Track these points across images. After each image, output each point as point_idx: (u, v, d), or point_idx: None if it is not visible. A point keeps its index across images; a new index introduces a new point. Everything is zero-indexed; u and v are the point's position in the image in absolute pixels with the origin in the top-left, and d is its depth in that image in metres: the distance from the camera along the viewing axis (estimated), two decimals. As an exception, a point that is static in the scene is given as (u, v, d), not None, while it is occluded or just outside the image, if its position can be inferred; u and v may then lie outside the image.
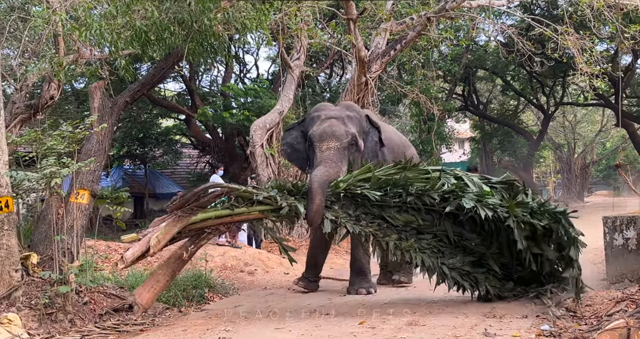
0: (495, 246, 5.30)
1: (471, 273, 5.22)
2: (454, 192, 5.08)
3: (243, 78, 20.05)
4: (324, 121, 6.12)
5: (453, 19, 11.03)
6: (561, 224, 5.02)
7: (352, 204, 5.24)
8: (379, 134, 6.54)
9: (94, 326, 5.44)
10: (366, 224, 5.20)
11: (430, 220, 5.29)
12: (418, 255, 5.16)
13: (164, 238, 4.89)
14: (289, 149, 6.75)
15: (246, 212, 5.08)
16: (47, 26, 9.08)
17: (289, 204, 5.04)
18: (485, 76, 24.96)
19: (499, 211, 4.94)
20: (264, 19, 9.06)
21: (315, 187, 5.12)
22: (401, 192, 5.17)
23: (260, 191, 5.12)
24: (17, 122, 10.46)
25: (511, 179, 5.51)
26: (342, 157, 5.84)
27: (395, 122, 25.89)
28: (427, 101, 14.10)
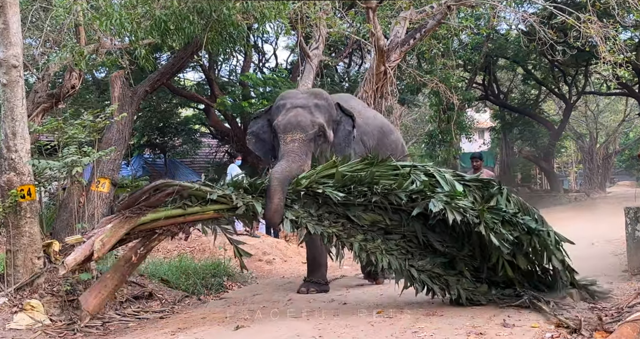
0: (468, 248, 4.95)
1: (442, 275, 4.88)
2: (422, 192, 4.70)
3: (262, 67, 20.04)
4: (289, 110, 5.68)
5: (474, 7, 10.91)
6: (535, 235, 4.64)
7: (314, 203, 4.84)
8: (353, 123, 6.03)
9: (115, 313, 5.53)
10: (329, 225, 4.81)
11: (398, 220, 4.92)
12: (385, 257, 4.80)
13: (109, 241, 4.51)
14: (254, 139, 6.26)
15: (200, 212, 4.68)
16: (68, 16, 9.15)
17: (245, 203, 4.67)
18: (506, 65, 24.69)
19: (469, 215, 4.55)
20: (283, 8, 9.05)
21: (275, 184, 4.73)
22: (366, 191, 4.78)
23: (214, 189, 4.69)
24: (39, 111, 10.59)
25: (487, 179, 5.12)
26: (308, 150, 5.44)
27: (415, 112, 25.79)
28: (447, 90, 13.98)
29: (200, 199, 4.67)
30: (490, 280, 5.02)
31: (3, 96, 5.53)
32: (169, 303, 6.17)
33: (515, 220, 4.63)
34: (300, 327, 4.59)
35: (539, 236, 4.63)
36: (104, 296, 4.83)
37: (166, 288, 6.65)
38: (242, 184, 4.82)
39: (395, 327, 4.36)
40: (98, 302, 4.82)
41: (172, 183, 4.61)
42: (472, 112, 28.54)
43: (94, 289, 4.84)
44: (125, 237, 4.70)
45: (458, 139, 19.65)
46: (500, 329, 4.15)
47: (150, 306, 5.99)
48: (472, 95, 21.26)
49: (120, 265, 4.92)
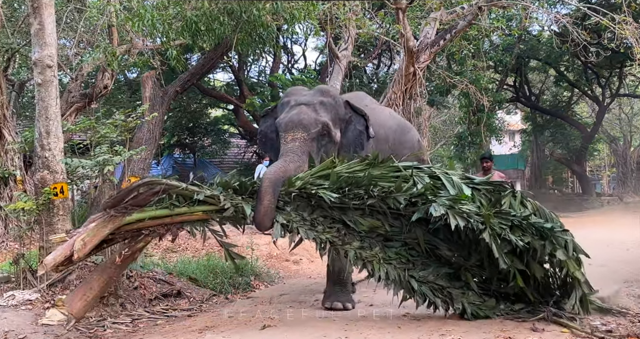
0: (475, 257, 4.54)
1: (445, 287, 4.49)
2: (423, 195, 4.33)
3: (291, 68, 20.12)
4: (292, 108, 5.35)
5: (505, 8, 10.78)
6: (549, 241, 4.21)
7: (308, 206, 4.50)
8: (366, 122, 5.61)
9: (144, 311, 5.60)
10: (323, 230, 4.46)
11: (399, 226, 4.55)
12: (382, 266, 4.43)
13: (91, 241, 4.24)
14: (263, 138, 5.92)
15: (187, 213, 4.42)
16: (101, 17, 9.30)
17: (234, 205, 4.38)
18: (538, 67, 24.36)
19: (473, 220, 4.17)
20: (313, 9, 9.07)
21: (266, 185, 4.40)
22: (362, 194, 4.43)
23: (201, 190, 4.41)
24: (72, 110, 10.81)
25: (499, 181, 4.72)
26: (309, 151, 5.05)
27: (444, 114, 25.58)
28: (477, 91, 13.85)
29: (188, 200, 4.41)
30: (499, 292, 4.65)
31: (38, 96, 5.64)
32: (197, 301, 6.23)
33: (525, 224, 4.24)
34: (327, 327, 4.58)
35: (554, 242, 4.21)
36: (90, 299, 4.53)
37: (194, 286, 6.71)
38: (231, 185, 4.50)
39: (422, 329, 4.33)
40: (83, 305, 4.53)
41: (159, 182, 4.38)
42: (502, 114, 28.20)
43: (79, 292, 4.56)
44: (111, 238, 4.44)
45: (488, 141, 19.45)
46: (529, 333, 4.09)
47: (179, 304, 6.05)
48: (503, 97, 21.02)
49: (107, 267, 4.67)
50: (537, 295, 4.53)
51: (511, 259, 4.26)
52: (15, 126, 10.29)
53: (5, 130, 9.32)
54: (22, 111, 16.38)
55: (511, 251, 4.28)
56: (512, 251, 4.29)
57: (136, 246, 4.58)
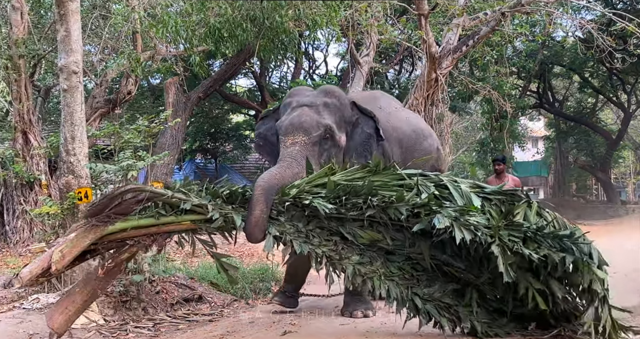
0: (487, 275, 4.10)
1: (452, 306, 4.12)
2: (426, 205, 3.94)
3: (312, 74, 20.17)
4: (294, 109, 4.99)
5: (529, 14, 10.70)
6: (569, 254, 3.74)
7: (304, 217, 4.14)
8: (375, 124, 5.19)
9: (166, 315, 5.62)
10: (319, 243, 4.10)
11: (401, 239, 4.18)
12: (383, 283, 4.07)
13: (70, 252, 3.94)
14: (261, 142, 5.53)
15: (174, 222, 4.11)
16: (126, 23, 9.42)
17: (223, 215, 4.06)
18: (562, 73, 24.13)
19: (481, 233, 3.77)
20: (335, 15, 9.09)
21: (258, 194, 4.05)
22: (361, 204, 4.05)
23: (189, 198, 4.09)
24: (96, 116, 10.95)
25: (511, 189, 4.32)
26: (310, 156, 4.68)
27: (466, 120, 25.44)
28: (500, 97, 13.74)
29: (175, 208, 4.10)
30: (516, 314, 4.19)
31: (63, 101, 5.72)
32: (218, 306, 6.24)
33: (541, 236, 3.80)
34: (347, 334, 4.56)
35: (574, 252, 3.73)
36: (72, 313, 4.21)
37: (215, 291, 6.73)
38: (220, 193, 4.18)
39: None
40: (64, 319, 4.20)
41: (143, 189, 4.08)
42: (525, 121, 27.96)
43: (61, 305, 4.23)
44: (92, 249, 4.13)
45: (510, 148, 19.27)
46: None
47: (200, 308, 6.07)
48: (526, 103, 20.85)
49: (90, 279, 4.33)
50: (557, 316, 4.08)
51: (527, 278, 3.86)
52: (41, 131, 10.45)
53: (31, 135, 9.47)
54: (48, 116, 16.63)
55: (528, 269, 3.88)
56: (529, 268, 3.89)
57: (120, 258, 4.26)
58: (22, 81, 9.36)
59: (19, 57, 9.28)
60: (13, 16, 9.29)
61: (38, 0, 10.43)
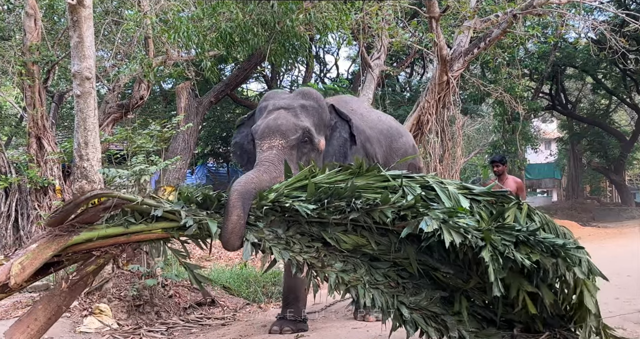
0: (476, 279, 3.83)
1: (439, 314, 3.85)
2: (413, 208, 3.68)
3: (323, 78, 20.21)
4: (270, 113, 4.77)
5: (541, 15, 10.65)
6: (562, 259, 3.51)
7: (284, 222, 3.88)
8: (350, 129, 5.03)
9: (179, 319, 5.65)
10: (300, 249, 3.83)
11: (387, 244, 3.90)
12: (367, 291, 3.79)
13: (30, 265, 3.61)
14: (239, 151, 5.27)
15: (145, 231, 3.77)
16: (138, 29, 9.49)
17: (197, 221, 3.74)
18: (575, 74, 23.98)
19: (471, 236, 3.51)
20: (345, 19, 9.10)
21: (234, 198, 3.77)
22: (344, 207, 3.78)
23: (160, 204, 3.77)
24: (109, 121, 11.03)
25: (500, 192, 4.02)
26: (289, 160, 4.46)
27: (478, 122, 25.35)
28: (512, 100, 13.69)
29: (146, 216, 3.78)
30: (505, 320, 3.94)
31: (76, 107, 5.77)
32: (231, 310, 6.26)
33: (534, 240, 3.53)
34: (360, 336, 4.56)
35: (567, 260, 3.50)
36: (33, 333, 3.81)
37: (228, 295, 6.75)
38: (194, 198, 3.89)
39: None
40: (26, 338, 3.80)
41: (111, 194, 3.77)
42: (538, 123, 27.83)
43: (22, 323, 3.83)
44: (57, 261, 3.77)
45: (523, 150, 19.18)
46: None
47: (213, 312, 6.09)
48: (539, 105, 20.74)
49: (54, 295, 3.90)
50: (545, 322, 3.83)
51: (519, 281, 3.61)
52: (55, 137, 10.53)
53: (45, 140, 9.55)
54: (61, 122, 16.78)
55: (519, 272, 3.61)
56: (520, 271, 3.61)
57: (86, 270, 3.88)
58: (36, 87, 9.45)
59: (32, 63, 9.38)
60: (27, 23, 9.39)
61: (51, 6, 10.52)
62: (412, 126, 10.82)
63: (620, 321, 4.67)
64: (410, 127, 10.78)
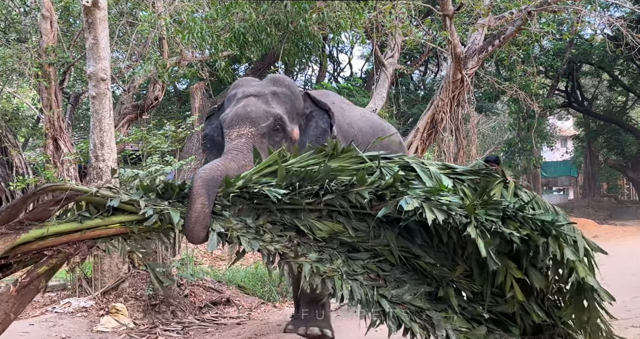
0: (463, 267, 3.49)
1: (424, 310, 3.48)
2: (391, 187, 3.36)
3: (337, 77, 20.19)
4: (239, 100, 4.50)
5: (556, 12, 10.57)
6: (552, 238, 3.16)
7: (253, 210, 3.55)
8: (330, 119, 4.72)
9: (194, 318, 5.68)
10: (271, 239, 3.49)
11: (365, 229, 3.55)
12: (345, 283, 3.43)
13: None
14: (209, 144, 4.93)
15: (102, 226, 3.37)
16: (153, 30, 9.54)
17: (157, 212, 3.36)
18: (591, 71, 23.74)
19: (455, 213, 3.20)
20: (359, 18, 9.09)
21: (198, 186, 3.44)
22: (318, 190, 3.44)
23: (116, 194, 3.40)
24: (124, 121, 11.11)
25: (485, 168, 3.71)
26: (259, 149, 4.08)
27: (493, 120, 25.21)
28: (527, 97, 13.59)
29: (102, 209, 3.40)
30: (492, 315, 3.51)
31: (92, 108, 5.82)
32: (246, 309, 6.28)
33: (522, 216, 3.22)
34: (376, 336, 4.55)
35: (558, 237, 3.17)
36: None
37: (243, 294, 6.78)
38: (154, 187, 3.52)
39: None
40: None
41: (62, 186, 3.41)
42: (554, 120, 27.58)
43: None
44: (4, 263, 3.37)
45: (539, 148, 19.04)
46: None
47: (228, 312, 6.12)
48: (554, 102, 20.58)
49: (1, 301, 3.45)
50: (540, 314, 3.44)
51: (505, 263, 3.25)
52: (71, 138, 10.63)
53: (61, 141, 9.64)
54: (77, 123, 16.92)
55: (508, 255, 3.28)
56: (508, 254, 3.28)
57: (37, 272, 3.42)
58: (52, 89, 9.54)
59: (49, 65, 9.47)
60: (43, 25, 9.48)
61: (67, 8, 10.61)
62: (426, 124, 10.78)
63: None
64: (425, 126, 10.76)
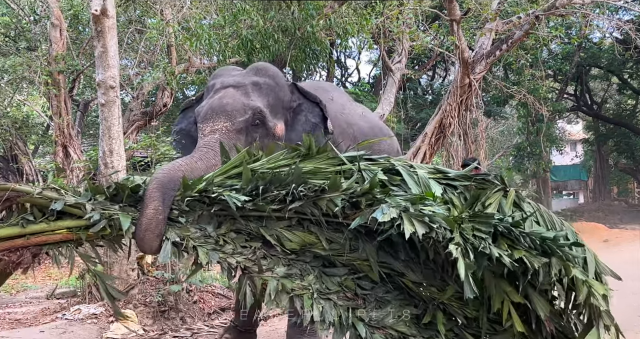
0: (453, 287, 2.94)
1: (409, 336, 2.99)
2: (368, 194, 2.92)
3: (344, 82, 20.20)
4: (217, 92, 4.03)
5: (564, 16, 10.55)
6: (557, 258, 2.69)
7: (215, 217, 3.10)
8: (322, 113, 4.20)
9: (203, 324, 5.68)
10: (233, 250, 3.06)
11: (342, 241, 3.07)
12: (316, 303, 2.98)
13: None
14: (183, 139, 4.41)
15: (47, 231, 2.97)
16: (161, 37, 9.60)
17: (106, 217, 2.98)
18: (600, 75, 23.66)
19: (438, 226, 2.73)
20: (366, 23, 9.11)
21: (152, 188, 3.00)
22: (285, 196, 3.00)
23: (61, 196, 2.98)
24: (133, 128, 11.17)
25: (482, 175, 3.18)
26: (233, 145, 3.65)
27: (501, 124, 25.13)
28: (536, 101, 13.55)
29: (48, 213, 3.00)
30: None
31: (101, 115, 5.86)
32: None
33: (517, 233, 2.75)
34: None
35: (563, 258, 2.70)
36: None
37: (252, 300, 6.77)
38: (103, 189, 3.08)
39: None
40: None
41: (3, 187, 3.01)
42: (563, 124, 27.46)
43: None
44: None
45: (548, 152, 18.97)
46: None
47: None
48: (563, 106, 20.51)
49: None
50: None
51: (502, 287, 2.82)
52: (81, 145, 10.70)
53: (71, 148, 9.71)
54: (87, 130, 17.03)
55: (504, 276, 2.78)
56: (505, 275, 2.78)
57: None
58: (62, 96, 9.63)
59: (58, 72, 9.55)
60: (52, 33, 9.57)
61: (76, 16, 10.70)
62: (434, 129, 10.77)
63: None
64: (433, 131, 10.74)
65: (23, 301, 7.20)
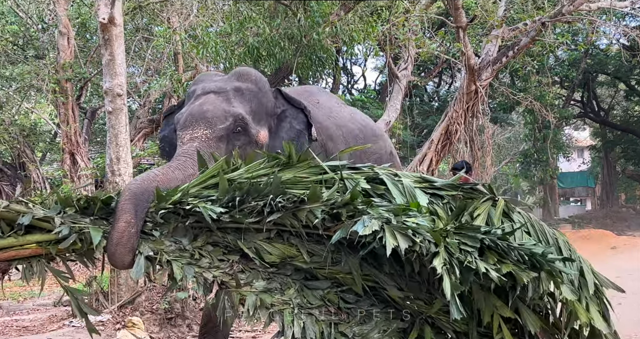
0: (441, 301, 2.79)
1: None
2: (349, 204, 2.79)
3: (350, 89, 20.23)
4: (198, 98, 3.89)
5: (570, 22, 10.54)
6: (546, 273, 2.58)
7: (190, 230, 2.98)
8: (307, 119, 4.05)
9: (210, 332, 5.68)
10: (210, 264, 2.95)
11: (323, 254, 2.96)
12: (297, 318, 2.86)
13: None
14: (167, 147, 4.22)
15: (16, 246, 2.83)
16: (168, 45, 9.65)
17: (77, 230, 2.83)
18: (607, 81, 23.61)
19: (422, 239, 2.59)
20: (372, 31, 9.13)
21: (125, 199, 2.88)
22: (262, 207, 2.85)
23: (29, 209, 2.84)
24: (140, 136, 11.21)
25: (470, 184, 3.09)
26: (212, 154, 3.44)
27: (508, 131, 25.08)
28: (542, 108, 13.53)
29: (17, 226, 2.84)
30: None
31: (108, 123, 5.88)
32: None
33: (505, 246, 2.62)
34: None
35: (553, 273, 2.59)
36: None
37: (258, 308, 6.77)
38: (74, 201, 2.94)
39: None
40: None
41: None
42: (570, 131, 27.40)
43: None
44: None
45: (555, 159, 18.91)
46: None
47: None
48: (570, 112, 20.47)
49: None
50: None
51: (492, 300, 2.72)
52: (88, 152, 10.75)
53: (78, 156, 9.76)
54: (94, 137, 17.10)
55: (493, 289, 2.66)
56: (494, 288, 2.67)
57: None
58: (69, 104, 9.68)
59: (66, 80, 9.61)
60: (60, 41, 9.64)
61: (84, 25, 10.78)
62: (440, 136, 10.76)
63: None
64: (439, 137, 10.74)
65: (30, 308, 7.22)
